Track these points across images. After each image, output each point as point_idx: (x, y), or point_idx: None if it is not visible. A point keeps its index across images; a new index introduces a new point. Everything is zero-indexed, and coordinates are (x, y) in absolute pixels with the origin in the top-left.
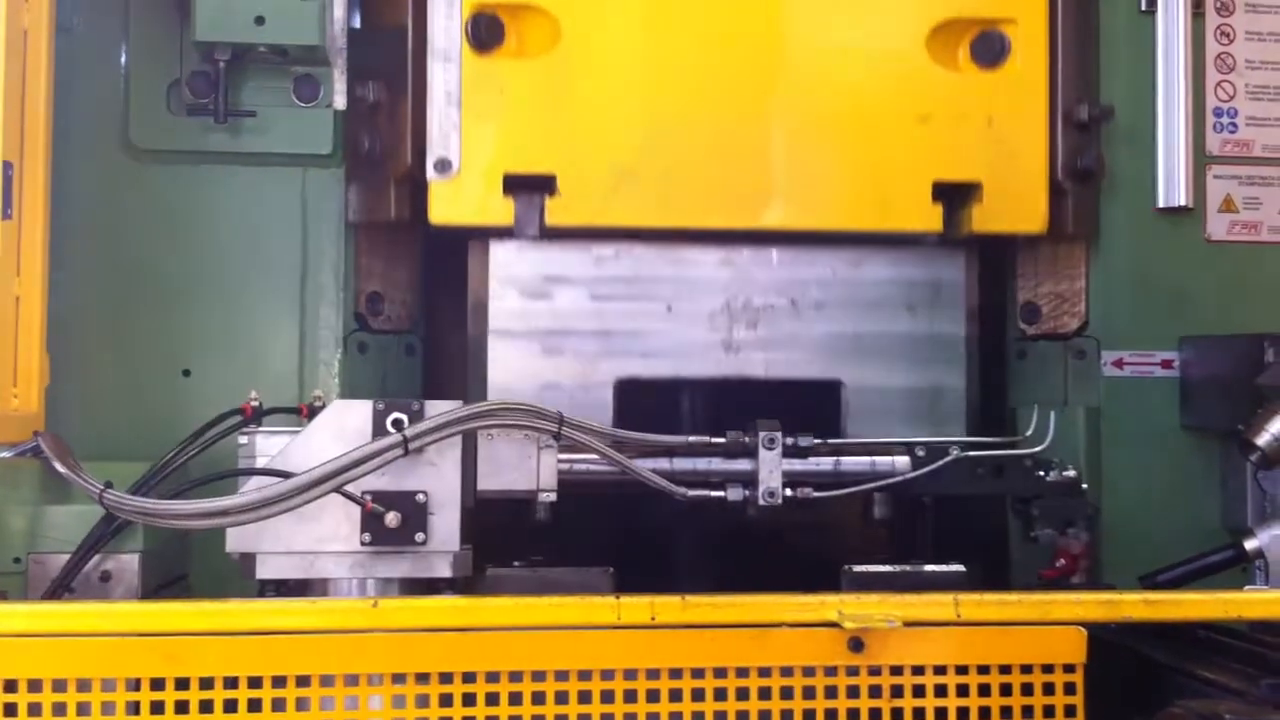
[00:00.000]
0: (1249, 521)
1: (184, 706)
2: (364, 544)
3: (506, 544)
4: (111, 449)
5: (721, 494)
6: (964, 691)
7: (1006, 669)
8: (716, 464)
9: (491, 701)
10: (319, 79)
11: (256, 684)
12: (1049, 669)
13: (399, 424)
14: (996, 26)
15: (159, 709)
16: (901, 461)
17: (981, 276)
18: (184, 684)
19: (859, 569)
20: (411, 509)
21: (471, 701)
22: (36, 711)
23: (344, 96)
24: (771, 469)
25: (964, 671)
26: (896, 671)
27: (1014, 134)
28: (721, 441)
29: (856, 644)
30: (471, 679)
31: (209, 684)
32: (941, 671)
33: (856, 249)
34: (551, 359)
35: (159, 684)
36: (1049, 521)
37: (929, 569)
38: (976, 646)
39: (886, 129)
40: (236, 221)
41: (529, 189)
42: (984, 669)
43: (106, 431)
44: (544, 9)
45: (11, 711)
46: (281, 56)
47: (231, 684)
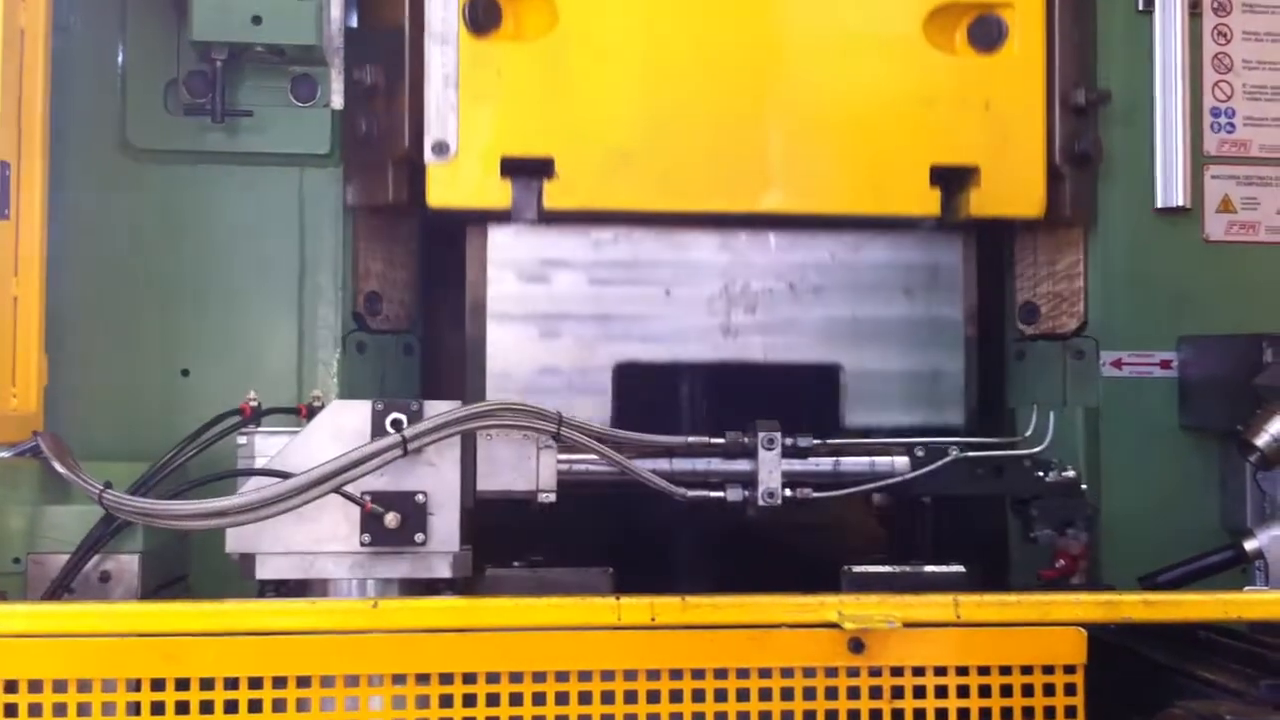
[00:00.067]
0: (1248, 522)
1: (184, 707)
2: (363, 544)
3: (506, 544)
4: (110, 449)
5: (721, 494)
6: (964, 692)
7: (1006, 670)
8: (716, 464)
9: (492, 702)
10: (316, 78)
11: (257, 684)
12: (1049, 670)
13: (398, 424)
14: (994, 10)
15: (159, 709)
16: (901, 462)
17: (981, 276)
18: (184, 684)
19: (859, 569)
20: (411, 509)
21: (472, 702)
22: (37, 712)
23: (341, 96)
24: (771, 469)
25: (964, 672)
26: (897, 672)
27: (1011, 118)
28: (721, 442)
29: (856, 645)
30: (472, 680)
31: (209, 684)
32: (942, 672)
33: (855, 233)
34: (550, 343)
35: (159, 684)
36: (1048, 522)
37: (929, 570)
38: (976, 647)
39: (884, 113)
40: (234, 221)
41: (527, 172)
42: (984, 670)
43: (105, 431)
44: None
45: (12, 712)
46: (279, 56)
47: (232, 684)
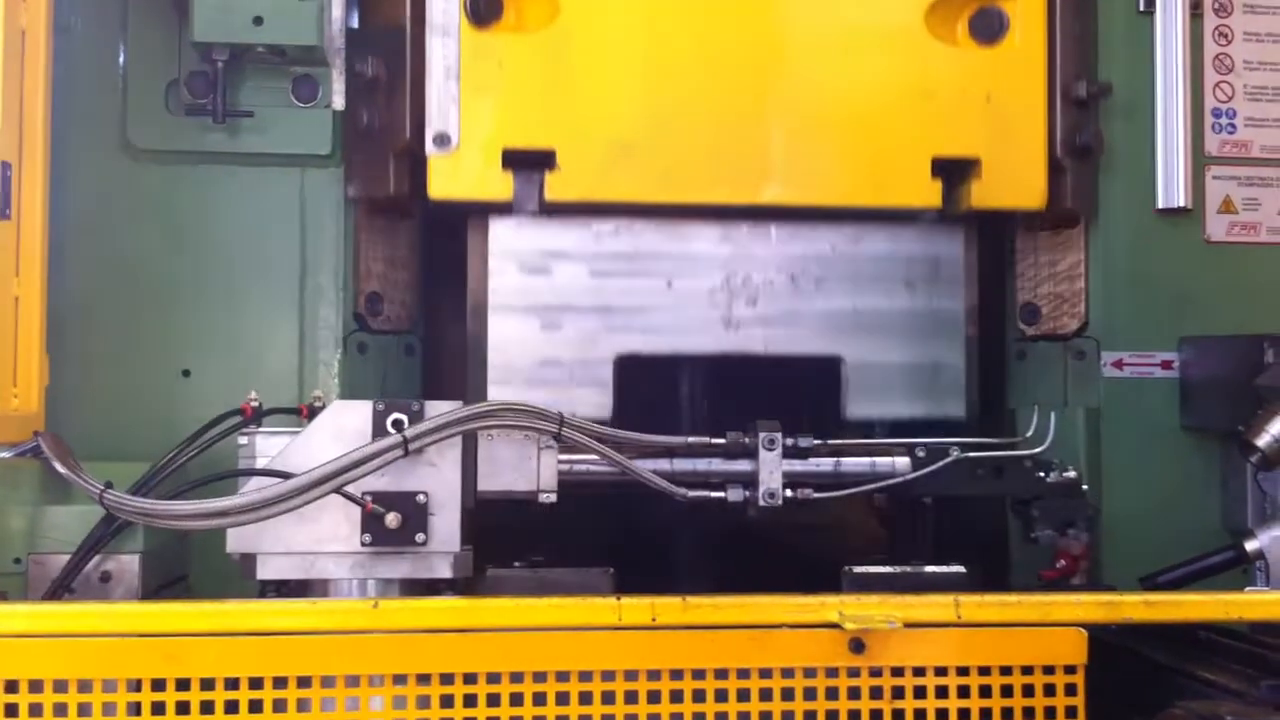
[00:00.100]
0: (1249, 523)
1: (185, 707)
2: (364, 545)
3: (507, 544)
4: (111, 449)
5: (722, 495)
6: (965, 693)
7: (1007, 670)
8: (717, 465)
9: (492, 702)
10: (317, 79)
11: (257, 685)
12: (1050, 670)
13: (399, 424)
14: (995, 3)
15: (160, 710)
16: (901, 462)
17: (982, 276)
18: (185, 685)
19: (859, 570)
20: (412, 510)
21: (472, 702)
22: (38, 712)
23: (342, 97)
24: (772, 470)
25: (965, 673)
26: (897, 673)
27: (1013, 110)
28: (721, 442)
29: (857, 645)
30: (472, 680)
31: (210, 685)
32: (942, 673)
33: (856, 225)
34: (551, 335)
35: (160, 685)
36: (1049, 522)
37: (929, 570)
38: (977, 648)
39: (885, 105)
40: (235, 222)
41: (528, 164)
42: (985, 670)
43: (106, 432)
44: None
45: (12, 712)
46: (280, 57)
47: (232, 685)
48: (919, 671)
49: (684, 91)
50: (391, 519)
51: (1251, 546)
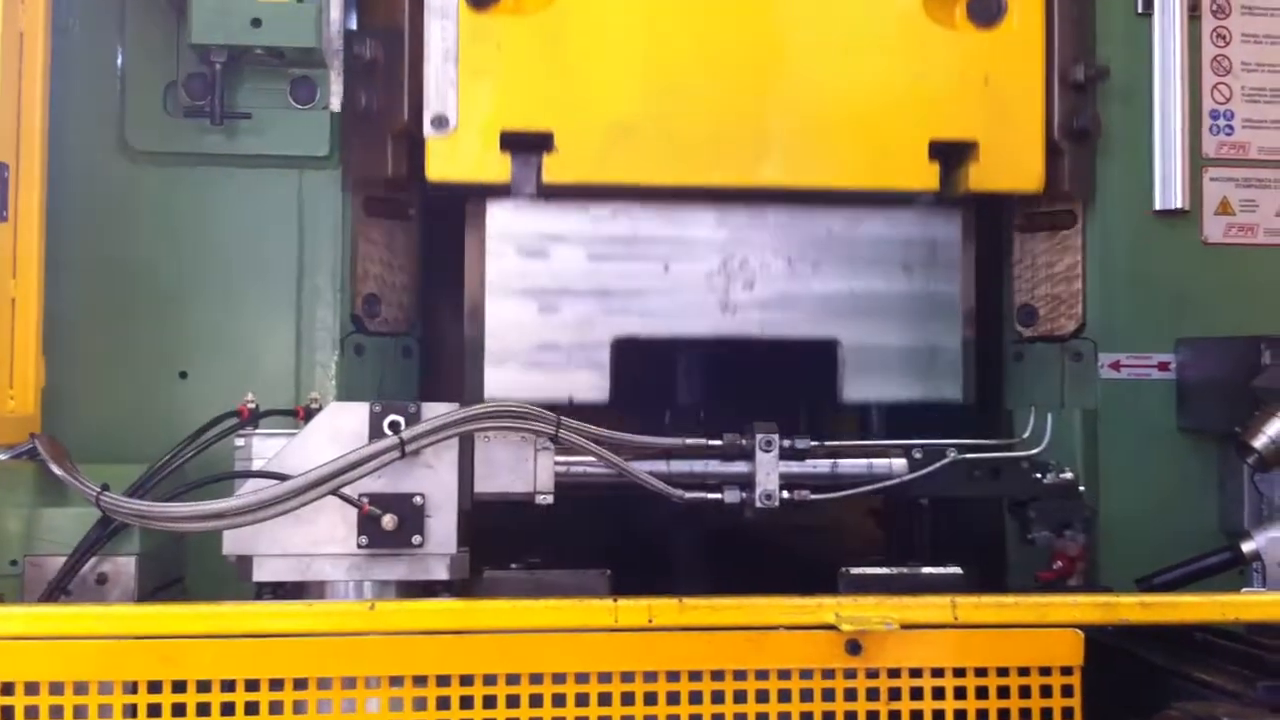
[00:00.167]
0: (1246, 524)
1: (181, 709)
2: (361, 546)
3: (504, 546)
4: (108, 451)
5: (719, 496)
6: (961, 694)
7: (1004, 671)
8: (713, 466)
9: (489, 704)
10: (315, 81)
11: (254, 687)
12: (1046, 671)
13: (396, 426)
14: None
15: (156, 712)
16: (899, 464)
17: (980, 276)
18: (181, 687)
19: (856, 571)
20: (408, 511)
21: (469, 704)
22: (34, 715)
23: (340, 98)
24: (768, 471)
25: (961, 674)
26: (894, 674)
27: (1010, 93)
28: (718, 444)
29: (854, 646)
30: (469, 682)
31: (206, 687)
32: (939, 674)
33: (853, 209)
34: (549, 318)
35: (156, 687)
36: (1046, 523)
37: (926, 571)
38: (974, 649)
39: (884, 87)
40: (233, 223)
41: (526, 146)
42: (981, 671)
43: (103, 433)
44: None
45: (9, 715)
46: (278, 59)
47: (229, 687)
48: (916, 673)
49: (682, 74)
50: (388, 521)
51: (1248, 548)
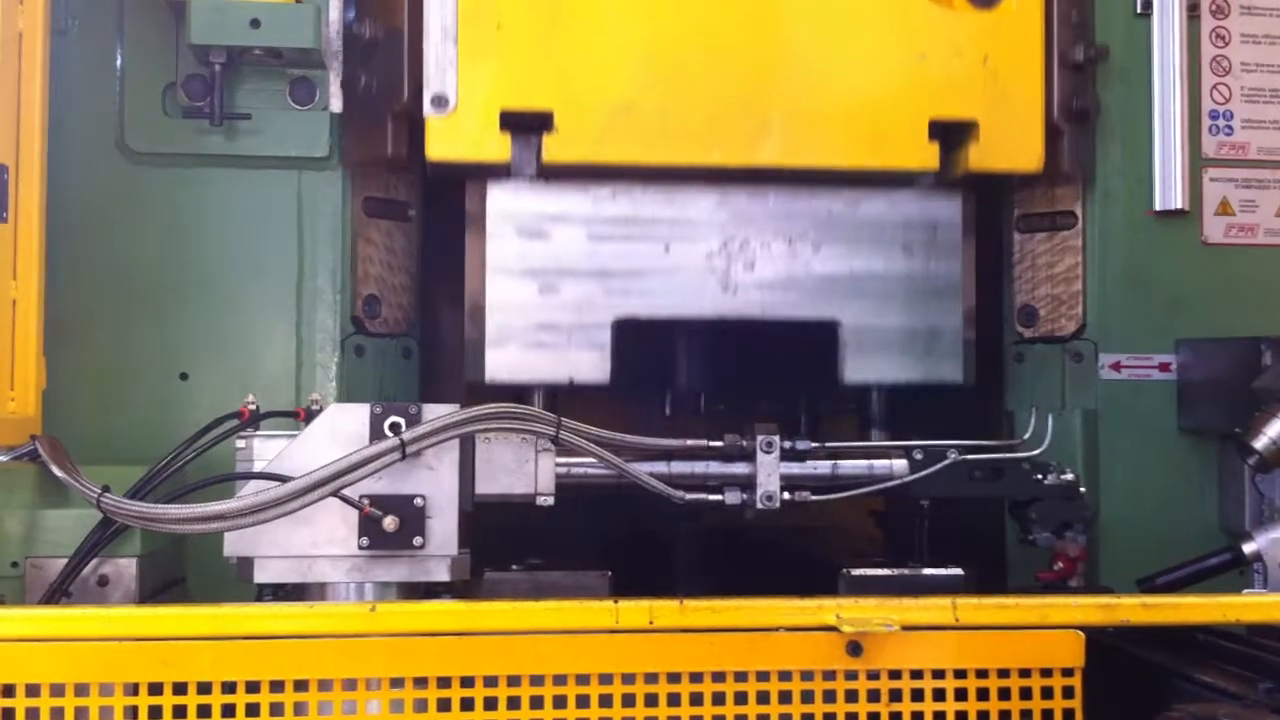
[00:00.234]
0: (1246, 524)
1: (182, 711)
2: (362, 548)
3: (505, 547)
4: (109, 453)
5: (719, 497)
6: (962, 695)
7: (1005, 673)
8: (714, 467)
9: (489, 706)
10: (315, 81)
11: (254, 688)
12: (1047, 673)
13: (396, 427)
14: None
15: (157, 714)
16: (899, 464)
17: (979, 276)
18: (182, 689)
19: (857, 572)
20: (409, 513)
21: (469, 706)
22: (35, 716)
23: (340, 99)
24: (769, 472)
25: (962, 675)
26: (895, 675)
27: (1010, 73)
28: (719, 445)
29: (854, 648)
30: (469, 683)
31: (207, 688)
32: (940, 675)
33: (853, 190)
34: (550, 298)
35: (157, 689)
36: (1047, 524)
37: (927, 572)
38: (975, 650)
39: (883, 67)
40: (232, 224)
41: (526, 126)
42: (982, 673)
43: (104, 435)
44: None
45: (10, 716)
46: (277, 59)
47: (229, 689)
48: (916, 674)
49: (682, 54)
50: (389, 522)
51: (1249, 548)
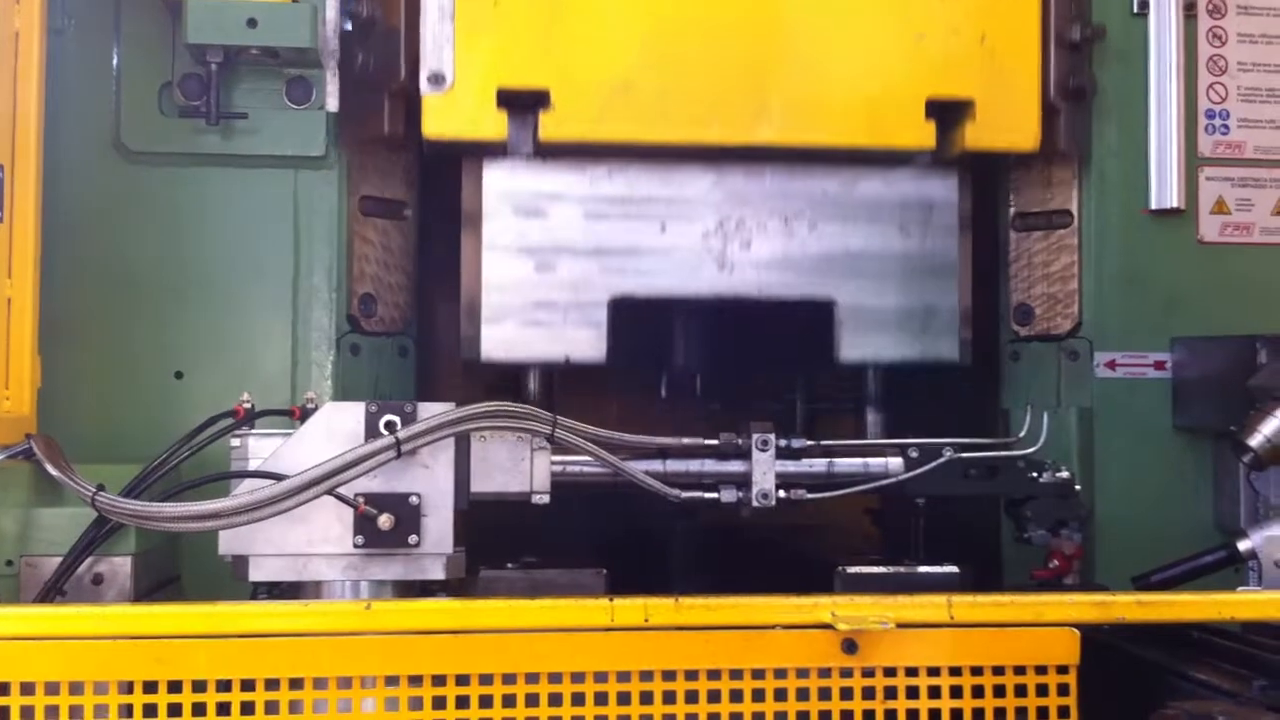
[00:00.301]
0: (1242, 522)
1: (177, 710)
2: (357, 546)
3: (501, 545)
4: (104, 451)
5: (715, 495)
6: (957, 693)
7: (1000, 670)
8: (710, 465)
9: (485, 704)
10: (311, 81)
11: (249, 687)
12: (1042, 670)
13: (391, 426)
14: None
15: (152, 712)
16: (895, 463)
17: (977, 276)
18: (177, 687)
19: (852, 570)
20: (404, 511)
21: (465, 704)
22: (29, 715)
23: (336, 98)
24: (765, 470)
25: (957, 673)
26: (890, 673)
27: (1007, 52)
28: (715, 443)
29: (850, 645)
30: (465, 681)
31: (202, 687)
32: (935, 673)
33: (850, 169)
34: (546, 276)
35: (152, 687)
36: (1042, 522)
37: (922, 570)
38: (970, 648)
39: (880, 46)
40: (229, 223)
41: (523, 104)
42: (977, 670)
43: (99, 434)
44: None
45: (4, 715)
46: (273, 59)
47: (224, 687)
48: (912, 672)
49: (679, 32)
50: (384, 521)
51: (1244, 546)
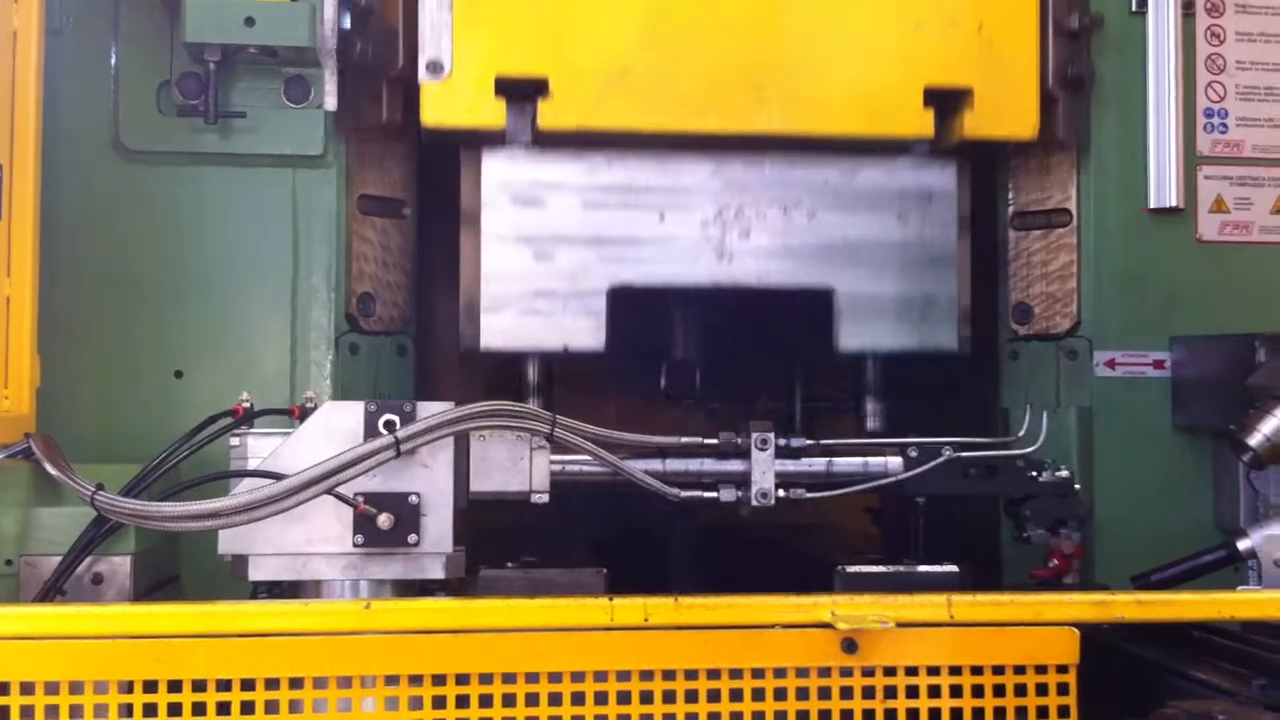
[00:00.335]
0: (1241, 521)
1: (177, 709)
2: (356, 546)
3: (501, 545)
4: (103, 451)
5: (714, 495)
6: (957, 692)
7: (1000, 670)
8: (709, 465)
9: (485, 704)
10: (310, 80)
11: (249, 686)
12: (1042, 670)
13: (391, 425)
14: None
15: (152, 712)
16: (894, 462)
17: (976, 275)
18: (176, 686)
19: (852, 569)
20: (404, 510)
21: (465, 704)
22: (29, 715)
23: (335, 97)
24: (764, 470)
25: (957, 672)
26: (890, 672)
27: (1005, 40)
28: (714, 442)
29: (850, 645)
30: (465, 681)
31: (201, 686)
32: (935, 672)
33: (849, 158)
34: (545, 266)
35: (152, 686)
36: (1042, 522)
37: (922, 569)
38: (970, 647)
39: (878, 35)
40: (227, 222)
41: (521, 91)
42: (977, 670)
43: (98, 433)
44: None
45: (4, 714)
46: (272, 57)
47: (224, 686)
48: (911, 671)
49: (677, 20)
50: (383, 520)
51: (1244, 545)
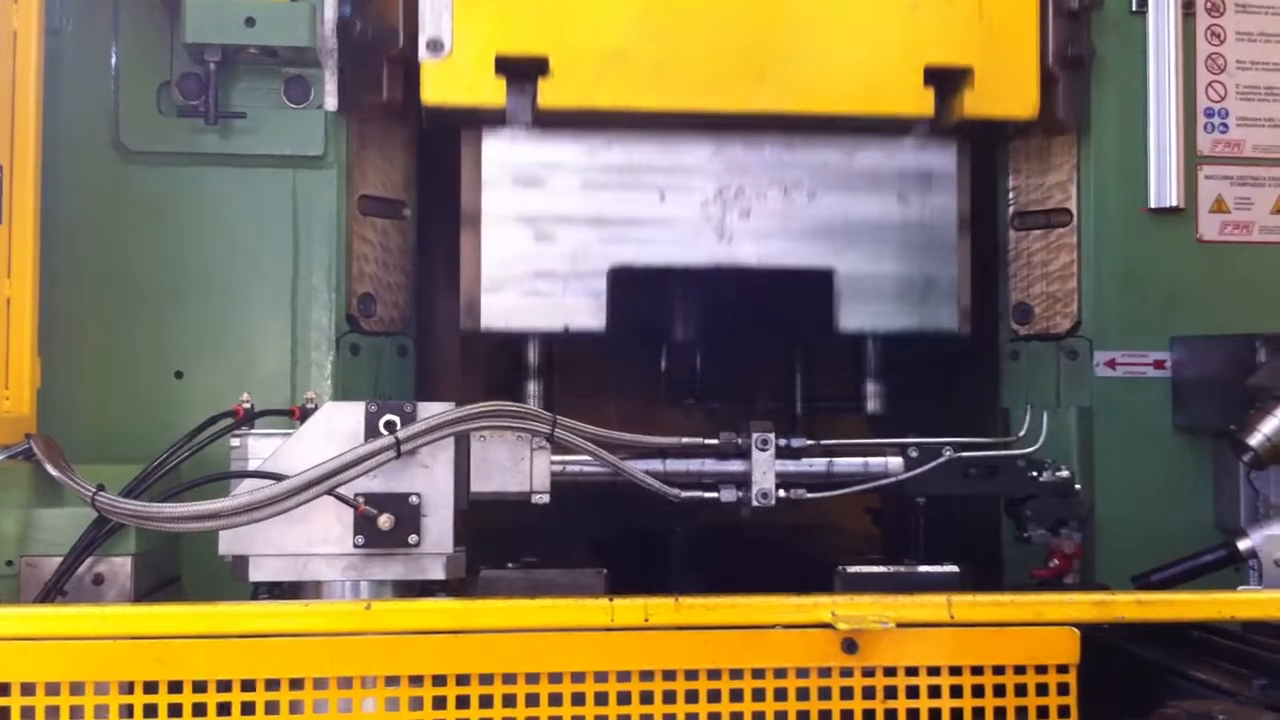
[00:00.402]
0: (1241, 521)
1: (177, 710)
2: (357, 546)
3: (501, 545)
4: (104, 451)
5: (715, 495)
6: (957, 692)
7: (1000, 670)
8: (709, 465)
9: (485, 704)
10: (310, 80)
11: (249, 687)
12: (1042, 670)
13: (391, 426)
14: None
15: (152, 712)
16: (894, 462)
17: (975, 272)
18: (177, 687)
19: (852, 570)
20: (404, 511)
21: (465, 704)
22: (30, 715)
23: (335, 98)
24: (765, 470)
25: (957, 672)
26: (890, 673)
27: (1005, 19)
28: (714, 443)
29: (850, 645)
30: (465, 681)
31: (202, 687)
32: (935, 672)
33: (849, 138)
34: (545, 246)
35: (152, 687)
36: (1042, 522)
37: (922, 569)
38: (970, 647)
39: (878, 13)
40: (227, 223)
41: (521, 71)
42: (977, 670)
43: (98, 434)
44: None
45: (5, 715)
46: (272, 58)
47: (224, 687)
48: (912, 671)
49: None
50: (384, 520)
51: (1244, 545)
